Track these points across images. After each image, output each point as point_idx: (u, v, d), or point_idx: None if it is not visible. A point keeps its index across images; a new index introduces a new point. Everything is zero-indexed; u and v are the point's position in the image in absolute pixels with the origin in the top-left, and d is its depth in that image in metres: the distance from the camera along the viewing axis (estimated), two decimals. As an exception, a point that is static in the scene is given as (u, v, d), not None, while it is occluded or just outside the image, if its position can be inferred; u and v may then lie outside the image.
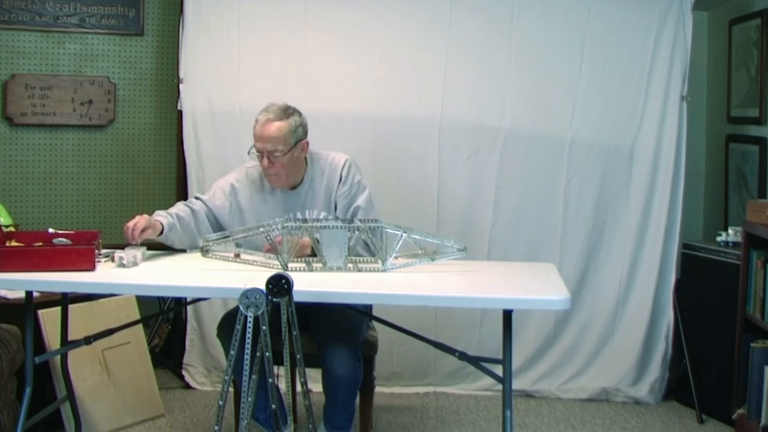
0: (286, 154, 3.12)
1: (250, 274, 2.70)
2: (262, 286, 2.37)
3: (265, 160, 3.13)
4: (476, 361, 2.85)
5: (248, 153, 3.19)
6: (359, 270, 2.90)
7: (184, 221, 3.13)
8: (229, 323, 3.09)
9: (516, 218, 4.22)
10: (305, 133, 3.20)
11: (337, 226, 2.87)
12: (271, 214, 3.17)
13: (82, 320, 3.49)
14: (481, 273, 3.07)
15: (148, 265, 2.92)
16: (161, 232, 3.02)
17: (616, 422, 3.93)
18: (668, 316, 4.19)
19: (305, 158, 3.25)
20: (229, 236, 2.96)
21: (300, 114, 3.19)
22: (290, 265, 2.88)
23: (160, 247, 3.10)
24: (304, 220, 2.98)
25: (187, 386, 4.20)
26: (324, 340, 3.05)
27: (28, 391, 2.94)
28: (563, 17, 4.18)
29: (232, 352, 2.40)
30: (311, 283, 2.67)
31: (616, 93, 4.19)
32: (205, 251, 2.96)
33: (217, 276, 2.76)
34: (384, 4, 4.16)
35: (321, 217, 3.20)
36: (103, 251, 2.97)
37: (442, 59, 4.17)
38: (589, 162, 4.20)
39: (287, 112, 3.16)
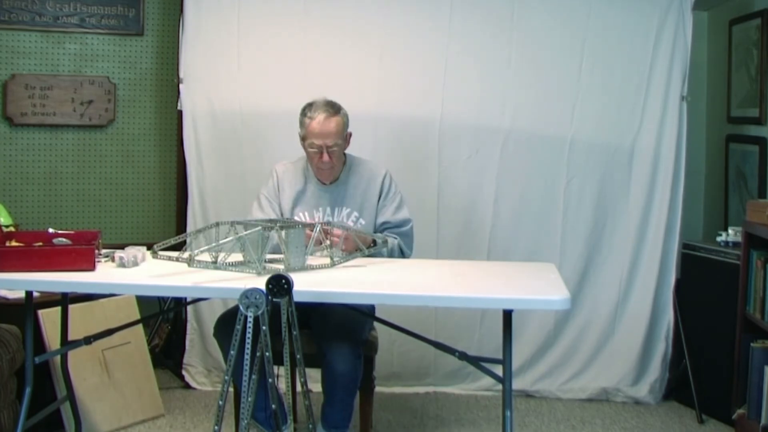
0: (342, 147, 3.27)
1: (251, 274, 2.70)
2: (262, 286, 2.37)
3: (325, 155, 3.23)
4: (476, 361, 2.85)
5: (306, 149, 3.27)
6: (312, 268, 2.89)
7: None
8: (226, 323, 3.10)
9: (516, 218, 4.22)
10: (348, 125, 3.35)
11: (297, 226, 2.89)
12: (303, 205, 3.33)
13: (82, 320, 3.49)
14: (481, 273, 3.08)
15: (148, 265, 2.92)
16: None
17: (616, 422, 3.93)
18: (668, 316, 4.19)
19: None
20: (217, 246, 2.89)
21: (342, 107, 3.33)
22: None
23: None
24: (288, 220, 3.01)
25: (187, 386, 4.20)
26: (325, 337, 3.06)
27: (28, 391, 2.94)
28: (563, 17, 4.18)
29: (232, 352, 2.40)
30: (311, 283, 2.67)
31: (616, 93, 4.19)
32: (154, 253, 2.81)
33: (217, 276, 2.75)
34: (384, 4, 4.16)
35: (353, 216, 3.32)
36: (103, 251, 2.97)
37: (442, 59, 4.17)
38: (589, 162, 4.20)
39: (336, 106, 3.30)
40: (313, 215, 3.32)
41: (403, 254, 3.32)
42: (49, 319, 3.44)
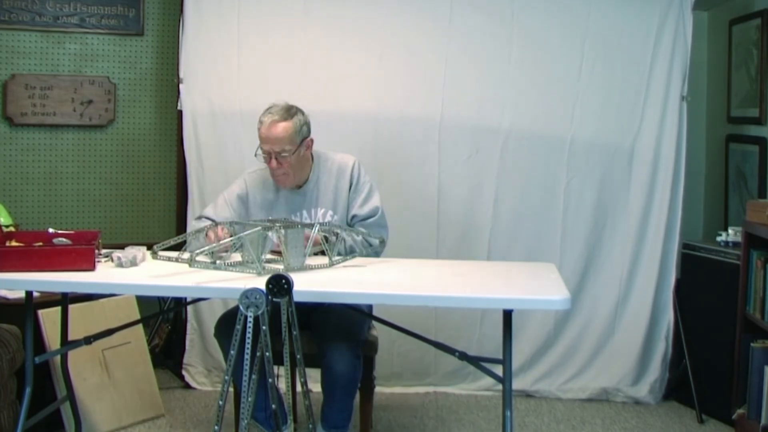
0: (293, 154, 3.16)
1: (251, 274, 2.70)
2: (262, 286, 2.38)
3: (273, 162, 3.16)
4: (476, 361, 2.85)
5: (255, 155, 3.22)
6: (311, 268, 2.89)
7: None
8: (226, 323, 3.10)
9: (516, 218, 4.22)
10: (309, 131, 3.24)
11: (296, 226, 2.87)
12: (278, 212, 3.24)
13: (82, 320, 3.50)
14: (481, 273, 3.08)
15: (148, 265, 2.92)
16: None
17: (616, 422, 3.93)
18: (668, 316, 4.19)
19: (311, 156, 3.30)
20: (217, 246, 2.81)
21: (303, 112, 3.23)
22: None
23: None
24: (285, 220, 2.99)
25: (187, 386, 4.20)
26: (324, 337, 3.06)
27: (28, 391, 2.94)
28: (563, 17, 4.18)
29: (232, 352, 2.40)
30: (311, 283, 2.67)
31: (616, 93, 4.19)
32: (154, 253, 2.81)
33: (217, 276, 2.75)
34: (384, 4, 4.16)
35: (328, 215, 3.27)
36: (103, 251, 2.97)
37: (442, 59, 4.17)
38: (589, 162, 4.20)
39: (291, 111, 3.19)
40: None
41: (370, 245, 3.19)
42: (49, 319, 3.44)
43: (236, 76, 4.15)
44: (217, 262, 2.75)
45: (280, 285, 2.38)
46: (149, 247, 2.92)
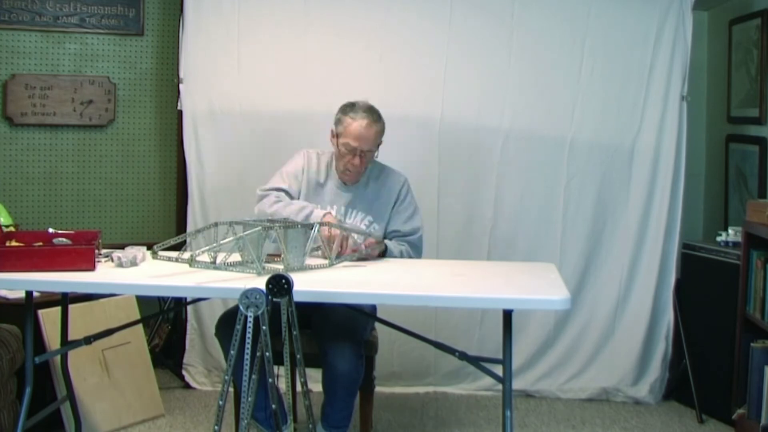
0: (374, 153, 3.29)
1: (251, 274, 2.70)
2: (263, 286, 2.37)
3: (357, 159, 3.25)
4: (476, 361, 2.85)
5: (338, 148, 3.28)
6: (311, 268, 2.90)
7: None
8: (227, 323, 3.10)
9: (516, 218, 4.22)
10: None
11: (296, 226, 2.87)
12: (320, 198, 3.33)
13: (82, 320, 3.50)
14: (481, 273, 3.08)
15: (148, 265, 2.92)
16: None
17: (616, 422, 3.93)
18: (668, 316, 4.19)
19: None
20: (217, 246, 2.79)
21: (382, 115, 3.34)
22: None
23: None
24: (285, 220, 3.00)
25: (187, 386, 4.20)
26: (326, 337, 3.06)
27: (28, 391, 2.94)
28: (563, 17, 4.18)
29: (232, 352, 2.40)
30: (311, 283, 2.67)
31: (616, 93, 4.19)
32: (154, 253, 2.79)
33: (217, 276, 2.75)
34: (384, 4, 4.16)
35: (366, 221, 3.31)
36: (103, 251, 2.97)
37: (442, 59, 4.17)
38: (589, 162, 4.21)
39: (377, 113, 3.32)
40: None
41: (410, 258, 3.32)
42: (49, 319, 3.44)
43: (236, 76, 4.15)
44: (218, 261, 2.75)
45: (280, 285, 2.38)
46: (149, 247, 2.92)
